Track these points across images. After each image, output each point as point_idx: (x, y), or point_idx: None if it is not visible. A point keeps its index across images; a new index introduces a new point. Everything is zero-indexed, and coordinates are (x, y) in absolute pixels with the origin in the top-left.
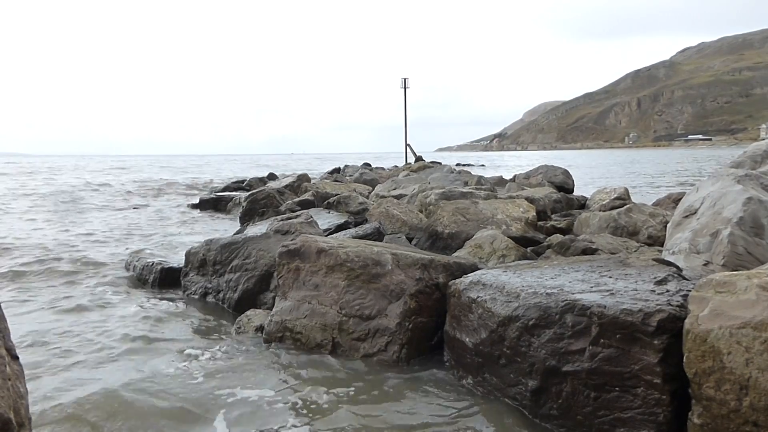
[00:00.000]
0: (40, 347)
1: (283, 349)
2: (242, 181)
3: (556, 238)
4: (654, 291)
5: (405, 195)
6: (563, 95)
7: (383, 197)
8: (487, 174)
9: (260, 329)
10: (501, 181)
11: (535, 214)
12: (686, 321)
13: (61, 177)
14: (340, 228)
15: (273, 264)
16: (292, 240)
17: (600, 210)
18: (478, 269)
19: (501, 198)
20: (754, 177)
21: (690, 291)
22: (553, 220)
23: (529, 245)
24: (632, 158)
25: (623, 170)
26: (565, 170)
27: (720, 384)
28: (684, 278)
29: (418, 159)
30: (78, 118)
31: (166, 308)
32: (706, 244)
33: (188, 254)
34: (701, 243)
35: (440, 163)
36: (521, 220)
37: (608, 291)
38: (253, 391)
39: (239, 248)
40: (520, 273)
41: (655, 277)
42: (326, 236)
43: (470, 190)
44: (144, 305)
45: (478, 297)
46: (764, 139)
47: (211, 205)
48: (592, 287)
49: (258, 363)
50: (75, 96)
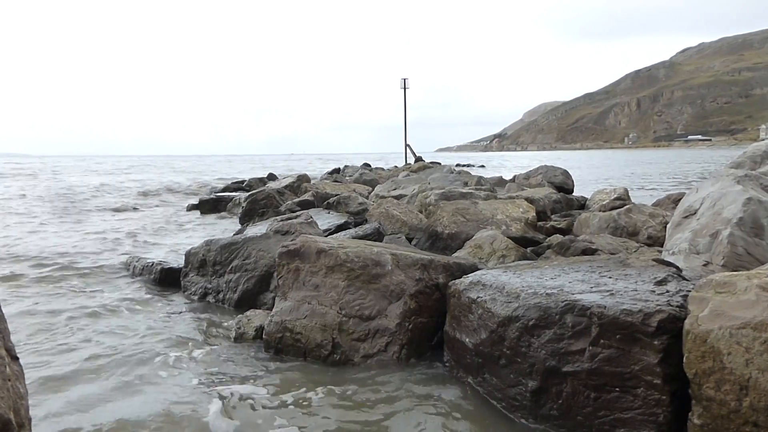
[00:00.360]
0: (37, 346)
1: (283, 350)
2: (242, 182)
3: (556, 239)
4: (654, 291)
5: (405, 195)
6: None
7: (383, 197)
8: (487, 174)
9: (260, 330)
10: (501, 182)
11: (535, 215)
12: (686, 321)
13: (61, 178)
14: (340, 228)
15: (273, 264)
16: (292, 240)
17: (600, 210)
18: (478, 269)
19: (501, 198)
20: (754, 177)
21: (690, 291)
22: (553, 221)
23: (529, 245)
24: (632, 159)
25: (623, 170)
26: (565, 171)
27: (720, 384)
28: (684, 279)
29: (418, 159)
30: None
31: (166, 309)
32: (706, 245)
33: (188, 254)
34: (701, 243)
35: (440, 164)
36: (521, 221)
37: (608, 291)
38: (252, 393)
39: (239, 249)
40: (520, 273)
41: (655, 278)
42: (326, 236)
43: (470, 191)
44: (143, 305)
45: (478, 297)
46: (764, 140)
47: (211, 206)
48: (592, 287)
49: (257, 364)
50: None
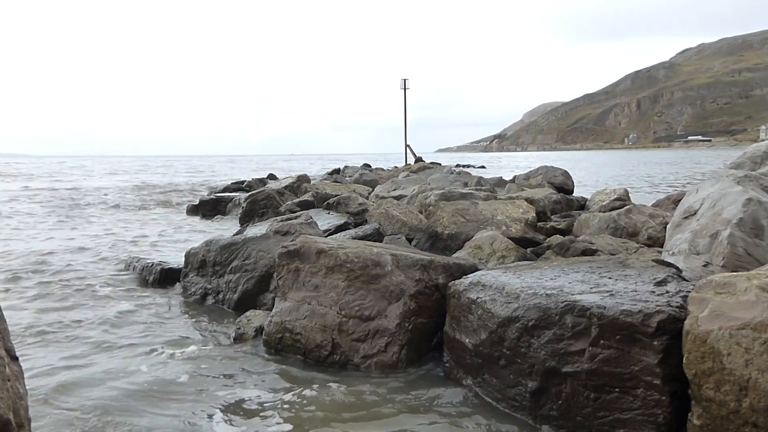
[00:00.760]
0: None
1: (283, 350)
2: (242, 182)
3: (556, 239)
4: (654, 292)
5: (405, 196)
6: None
7: (383, 198)
8: (487, 175)
9: (260, 330)
10: (501, 182)
11: (535, 215)
12: (686, 322)
13: (61, 179)
14: (340, 229)
15: (273, 265)
16: (292, 241)
17: (600, 211)
18: (478, 270)
19: (501, 199)
20: (754, 178)
21: (690, 292)
22: (553, 221)
23: (529, 246)
24: (632, 159)
25: (623, 171)
26: (565, 171)
27: (720, 385)
28: (684, 279)
29: (418, 160)
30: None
31: (165, 309)
32: (706, 245)
33: (188, 255)
34: (701, 244)
35: (440, 164)
36: (521, 221)
37: (608, 292)
38: (252, 393)
39: (239, 249)
40: (520, 274)
41: (655, 278)
42: (326, 237)
43: (470, 191)
44: (143, 306)
45: (478, 298)
46: (764, 141)
47: (211, 206)
48: (592, 288)
49: (257, 364)
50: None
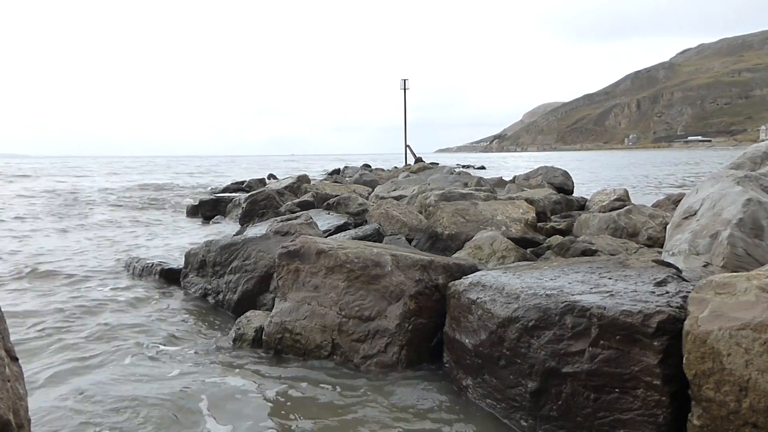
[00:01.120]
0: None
1: (283, 351)
2: (242, 182)
3: (556, 240)
4: (654, 292)
5: (405, 196)
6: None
7: (383, 198)
8: (487, 175)
9: (260, 330)
10: (500, 183)
11: (535, 216)
12: (686, 322)
13: (61, 179)
14: (340, 229)
15: (272, 265)
16: (292, 241)
17: (600, 211)
18: (478, 270)
19: (500, 199)
20: (754, 178)
21: (690, 292)
22: (553, 222)
23: (529, 246)
24: (632, 159)
25: (623, 171)
26: (565, 171)
27: (720, 385)
28: (684, 279)
29: (418, 160)
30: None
31: (165, 309)
32: (706, 246)
33: (188, 255)
34: (701, 244)
35: (440, 164)
36: (521, 222)
37: (608, 292)
38: (251, 393)
39: (239, 249)
40: (520, 274)
41: (655, 279)
42: (326, 237)
43: (470, 192)
44: (142, 306)
45: (478, 298)
46: (764, 141)
47: (211, 206)
48: (592, 288)
49: (257, 365)
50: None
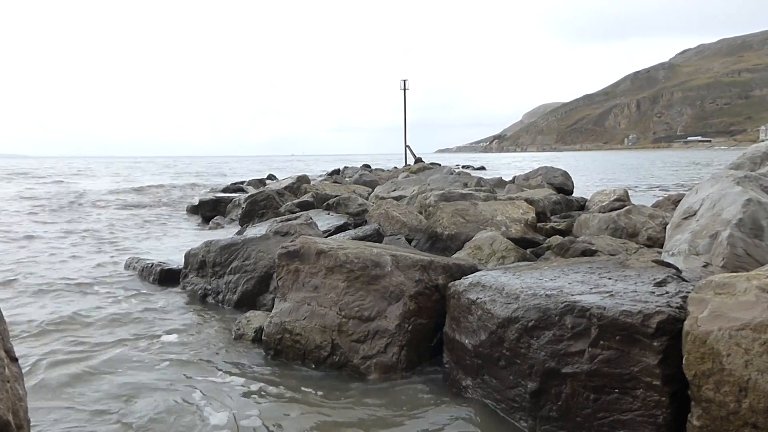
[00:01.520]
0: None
1: (282, 351)
2: (242, 183)
3: (556, 240)
4: (653, 292)
5: (404, 196)
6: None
7: (383, 198)
8: (487, 175)
9: (259, 331)
10: (500, 183)
11: (535, 216)
12: (686, 323)
13: (61, 180)
14: (340, 229)
15: (272, 265)
16: (292, 241)
17: (599, 211)
18: (478, 271)
19: (500, 199)
20: (754, 178)
21: (689, 292)
22: (553, 222)
23: (529, 247)
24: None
25: (622, 171)
26: (565, 172)
27: (719, 386)
28: (683, 280)
29: (418, 160)
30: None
31: (165, 310)
32: (706, 246)
33: (188, 256)
34: (701, 244)
35: (440, 165)
36: (521, 222)
37: (608, 292)
38: (251, 394)
39: (238, 250)
40: (520, 274)
41: (655, 279)
42: (326, 237)
43: (470, 192)
44: (142, 307)
45: (478, 298)
46: (763, 141)
47: (211, 207)
48: (592, 289)
49: (256, 365)
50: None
